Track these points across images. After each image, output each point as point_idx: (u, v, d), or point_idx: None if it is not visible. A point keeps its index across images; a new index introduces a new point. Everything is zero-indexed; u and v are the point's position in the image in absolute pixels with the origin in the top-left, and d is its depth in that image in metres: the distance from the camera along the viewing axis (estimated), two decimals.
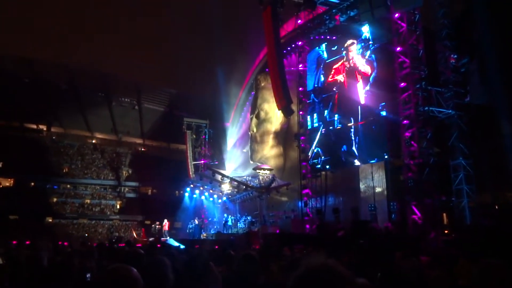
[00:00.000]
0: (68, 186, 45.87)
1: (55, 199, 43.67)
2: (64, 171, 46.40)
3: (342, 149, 21.09)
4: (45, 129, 50.19)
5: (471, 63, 17.06)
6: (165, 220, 29.77)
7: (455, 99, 16.32)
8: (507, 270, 2.07)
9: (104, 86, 49.95)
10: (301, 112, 23.26)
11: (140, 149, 54.98)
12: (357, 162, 20.34)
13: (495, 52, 15.30)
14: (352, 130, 20.20)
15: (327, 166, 21.85)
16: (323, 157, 21.99)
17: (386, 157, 18.42)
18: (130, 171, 49.62)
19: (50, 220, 41.32)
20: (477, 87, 16.89)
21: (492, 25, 15.40)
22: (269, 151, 31.68)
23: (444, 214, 15.40)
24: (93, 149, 50.90)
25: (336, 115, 21.53)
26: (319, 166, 22.10)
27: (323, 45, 22.70)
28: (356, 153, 20.09)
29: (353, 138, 20.14)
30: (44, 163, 44.04)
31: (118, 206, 46.24)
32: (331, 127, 21.57)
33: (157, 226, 29.85)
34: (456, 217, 15.63)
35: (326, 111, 22.32)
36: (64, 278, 3.39)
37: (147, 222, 41.00)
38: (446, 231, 14.07)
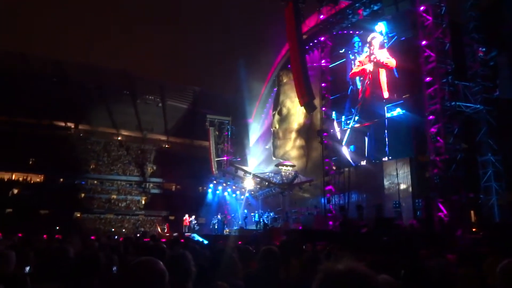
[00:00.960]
0: (95, 182, 47.03)
1: (83, 195, 44.89)
2: (91, 167, 47.59)
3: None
4: (73, 126, 51.61)
5: (500, 56, 16.49)
6: (186, 215, 30.12)
7: (483, 94, 15.86)
8: None
9: (129, 84, 50.90)
10: (323, 108, 23.09)
11: (164, 145, 55.81)
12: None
13: None
14: (370, 128, 20.40)
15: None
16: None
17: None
18: (154, 168, 50.46)
19: (79, 215, 42.53)
20: (507, 81, 16.32)
21: None
22: (292, 147, 31.56)
23: (472, 212, 14.98)
24: (119, 145, 51.99)
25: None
26: None
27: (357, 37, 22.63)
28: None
29: (367, 136, 20.54)
30: (72, 160, 45.23)
31: (143, 202, 47.13)
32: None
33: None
34: (484, 214, 15.20)
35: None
36: (92, 271, 3.50)
37: (171, 217, 41.68)
38: (474, 229, 13.71)
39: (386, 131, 19.56)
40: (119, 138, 53.78)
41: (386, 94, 19.65)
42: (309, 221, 22.17)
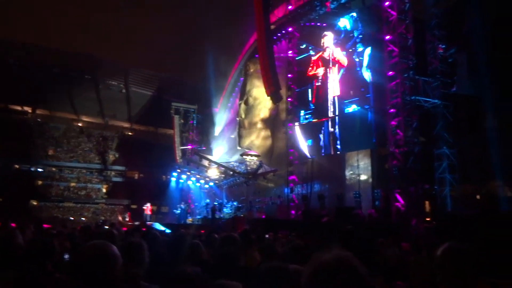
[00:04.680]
0: (53, 169, 45.34)
1: (39, 182, 43.21)
2: (50, 153, 45.82)
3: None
4: (30, 111, 49.34)
5: (458, 53, 17.16)
6: (148, 204, 29.69)
7: (441, 89, 16.44)
8: (469, 253, 2.13)
9: (92, 68, 49.18)
10: (289, 99, 23.24)
11: (127, 133, 54.48)
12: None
13: (484, 43, 15.39)
14: (329, 122, 20.81)
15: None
16: None
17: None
18: (116, 155, 49.24)
19: (35, 203, 40.92)
20: (464, 78, 17.03)
21: (482, 17, 15.45)
22: (257, 137, 31.64)
23: (427, 202, 15.64)
24: (79, 132, 50.28)
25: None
26: None
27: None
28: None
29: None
30: (28, 146, 43.40)
31: (104, 190, 45.99)
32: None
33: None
34: (438, 205, 15.91)
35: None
36: (44, 257, 3.37)
37: (133, 206, 40.93)
38: (427, 219, 14.33)
39: (343, 126, 20.24)
40: (80, 124, 51.95)
41: (336, 92, 20.16)
42: (272, 211, 22.42)
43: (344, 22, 20.25)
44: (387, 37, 15.92)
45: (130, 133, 54.66)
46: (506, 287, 4.79)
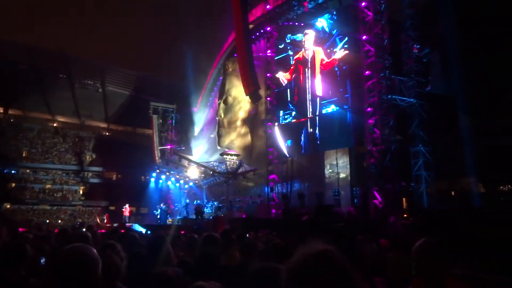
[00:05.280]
0: (28, 170, 44.15)
1: (13, 185, 42.03)
2: (24, 155, 44.60)
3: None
4: (2, 111, 47.90)
5: (432, 53, 17.58)
6: (127, 205, 29.29)
7: (416, 88, 16.81)
8: (443, 248, 2.22)
9: (67, 67, 48.07)
10: (268, 98, 23.29)
11: (104, 133, 53.54)
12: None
13: (456, 44, 15.81)
14: (309, 122, 20.83)
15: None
16: None
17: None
18: (94, 156, 48.31)
19: (8, 206, 39.79)
20: (438, 77, 17.47)
21: (455, 18, 15.86)
22: (237, 136, 31.62)
23: (404, 199, 15.96)
24: (54, 132, 49.08)
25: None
26: None
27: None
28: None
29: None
30: (1, 147, 42.11)
31: (81, 192, 45.10)
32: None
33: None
34: (414, 201, 16.26)
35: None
36: (16, 261, 3.30)
37: (112, 207, 40.31)
38: (405, 215, 14.62)
39: (321, 126, 20.24)
40: (55, 125, 50.75)
41: (318, 92, 20.24)
42: (252, 210, 22.44)
43: (322, 23, 20.39)
44: (364, 37, 16.15)
45: (107, 133, 53.74)
46: (479, 281, 4.94)
